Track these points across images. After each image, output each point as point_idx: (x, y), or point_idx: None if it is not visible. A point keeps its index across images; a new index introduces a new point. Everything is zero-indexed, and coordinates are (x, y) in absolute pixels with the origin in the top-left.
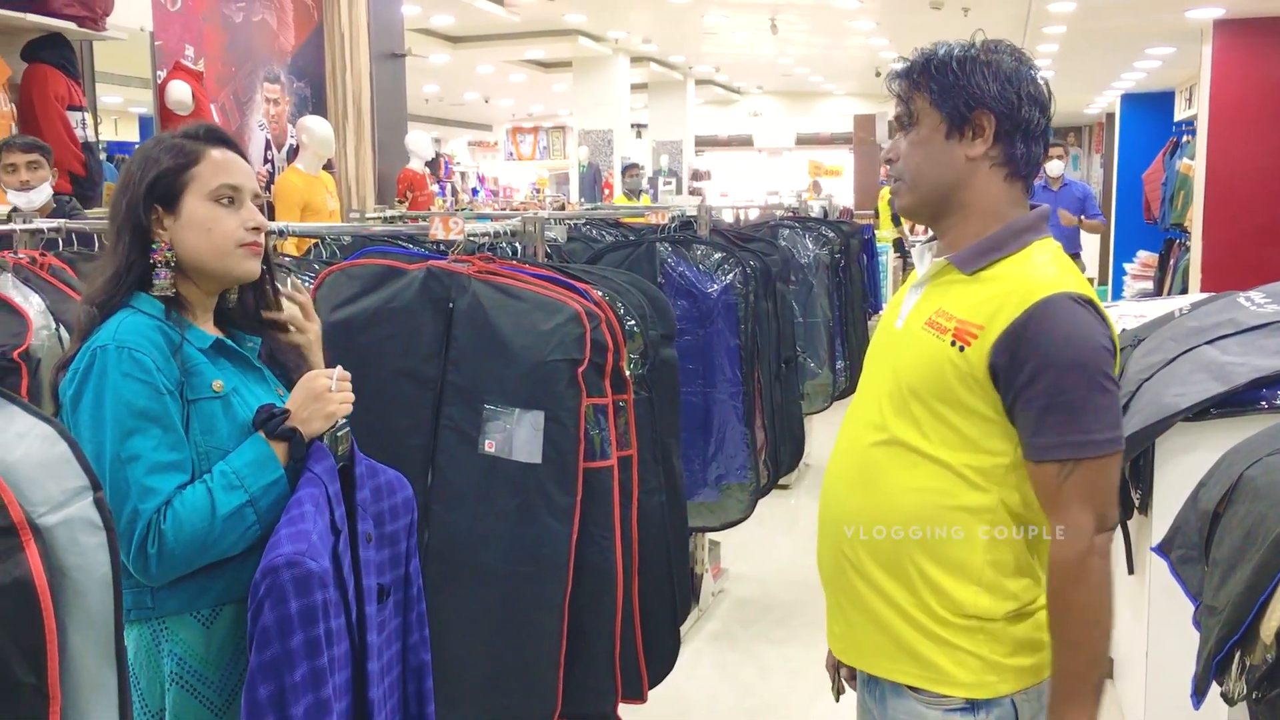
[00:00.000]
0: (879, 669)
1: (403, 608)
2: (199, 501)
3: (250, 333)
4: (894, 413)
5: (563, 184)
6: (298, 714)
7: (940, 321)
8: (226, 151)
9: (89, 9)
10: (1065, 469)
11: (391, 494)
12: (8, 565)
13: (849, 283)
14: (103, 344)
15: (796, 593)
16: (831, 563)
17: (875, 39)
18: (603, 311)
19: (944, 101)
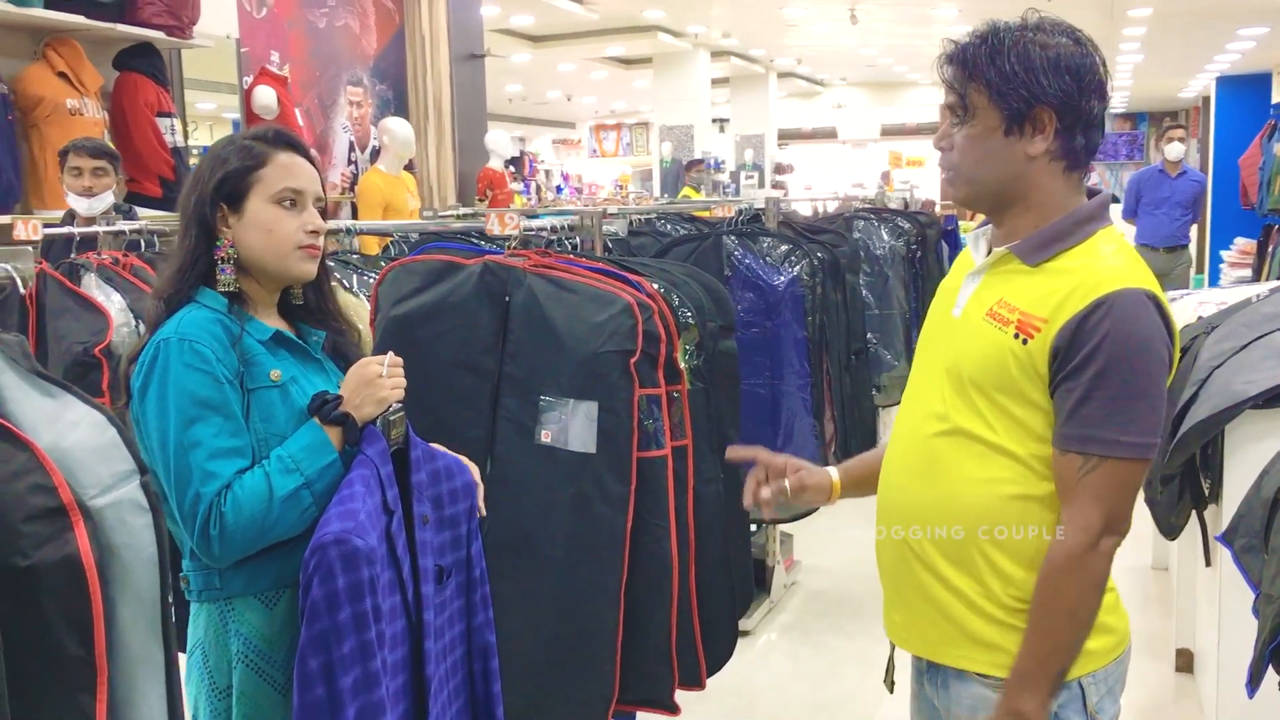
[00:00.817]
0: (944, 656)
1: (466, 589)
2: (257, 485)
3: (315, 326)
4: (956, 403)
5: (646, 180)
6: (346, 685)
7: (1002, 313)
8: (293, 155)
9: (177, 18)
10: (1088, 463)
11: (451, 478)
12: (58, 544)
13: (925, 274)
14: (166, 337)
15: (870, 586)
16: (892, 553)
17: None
18: (655, 303)
19: (1002, 97)
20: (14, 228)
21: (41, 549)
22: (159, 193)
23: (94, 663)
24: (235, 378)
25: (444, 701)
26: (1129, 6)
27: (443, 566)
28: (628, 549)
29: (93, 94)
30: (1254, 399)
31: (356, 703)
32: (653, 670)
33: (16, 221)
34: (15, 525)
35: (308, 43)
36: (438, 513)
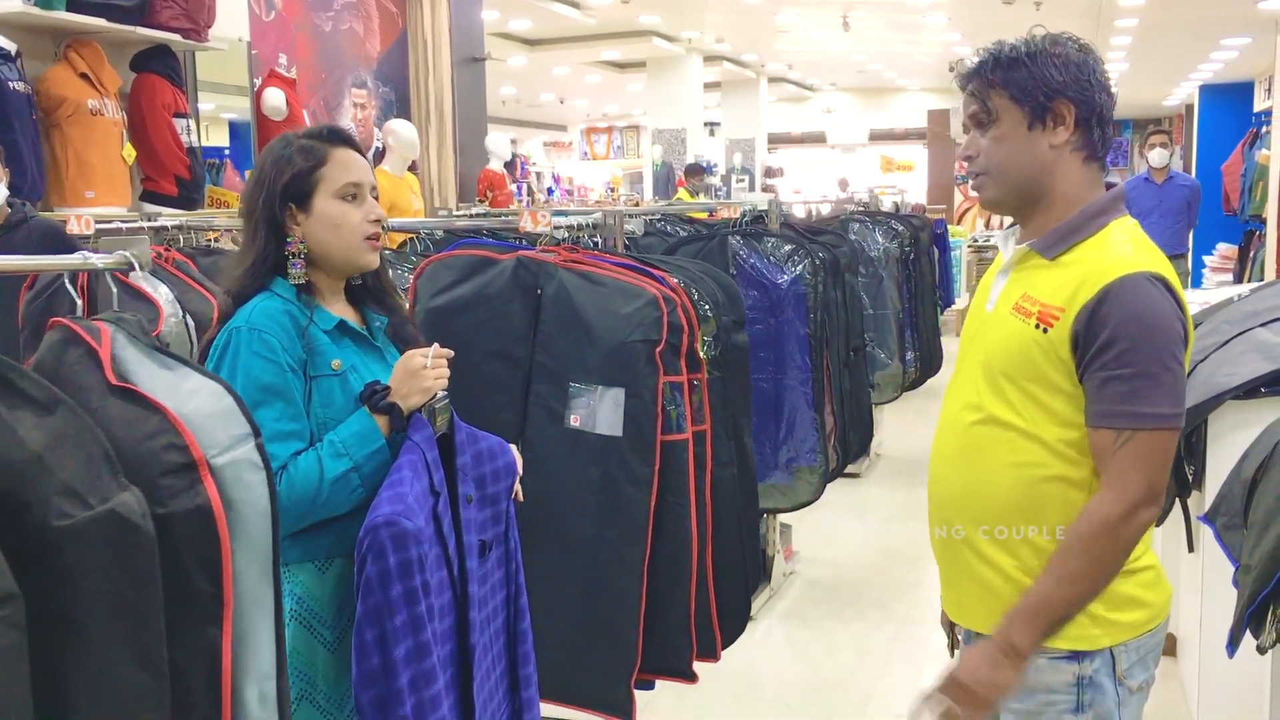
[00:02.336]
0: (988, 627)
1: (504, 560)
2: (310, 467)
3: (378, 312)
4: (989, 393)
5: (636, 183)
6: (399, 655)
7: (1025, 306)
8: (348, 150)
9: (193, 21)
10: (1122, 436)
11: (493, 459)
12: (190, 494)
13: (919, 275)
14: (238, 325)
15: (865, 575)
16: (940, 535)
17: (948, 34)
18: (678, 296)
19: (1023, 95)
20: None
21: (176, 499)
22: (175, 191)
23: (222, 598)
24: (299, 366)
25: (487, 667)
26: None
27: (485, 541)
28: (651, 527)
29: (112, 95)
30: (1235, 390)
31: (409, 671)
32: (673, 641)
33: (70, 217)
34: (153, 479)
35: (314, 45)
36: (480, 491)
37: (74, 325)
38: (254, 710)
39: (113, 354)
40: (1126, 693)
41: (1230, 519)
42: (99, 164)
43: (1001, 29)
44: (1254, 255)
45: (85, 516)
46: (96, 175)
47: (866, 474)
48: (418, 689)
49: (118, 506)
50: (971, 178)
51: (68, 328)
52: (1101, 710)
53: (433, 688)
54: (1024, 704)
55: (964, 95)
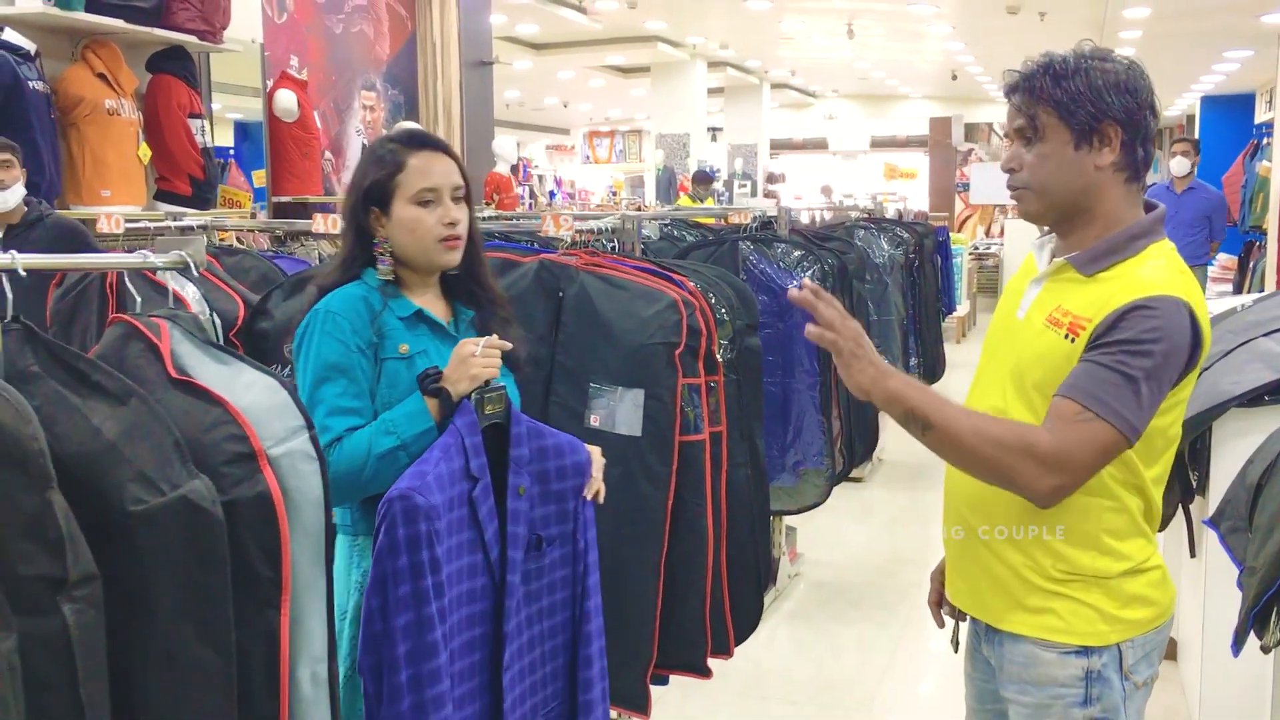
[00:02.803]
0: (1002, 622)
1: (571, 560)
2: (359, 442)
3: (465, 305)
4: (1015, 399)
5: (637, 187)
6: (398, 625)
7: (1059, 318)
8: (427, 154)
9: (209, 23)
10: (1085, 415)
11: (559, 456)
12: (251, 483)
13: (923, 282)
14: (316, 308)
15: (869, 577)
16: (956, 531)
17: (951, 43)
18: (697, 300)
19: (1072, 114)
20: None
21: (238, 488)
22: (189, 191)
23: (281, 582)
24: (369, 348)
25: (531, 660)
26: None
27: (540, 536)
28: (668, 525)
29: (129, 95)
30: (1239, 398)
31: (408, 642)
32: (689, 637)
33: (100, 216)
34: (216, 468)
35: (325, 48)
36: (542, 486)
37: (135, 321)
38: (306, 691)
39: (171, 349)
40: (1132, 687)
41: (1235, 523)
42: (115, 163)
43: (1005, 38)
44: (1254, 266)
45: (159, 502)
46: (112, 174)
47: (870, 478)
48: (416, 661)
49: (189, 493)
50: (1011, 190)
51: (128, 323)
52: (1108, 704)
53: (433, 661)
54: (1032, 697)
55: (1009, 106)
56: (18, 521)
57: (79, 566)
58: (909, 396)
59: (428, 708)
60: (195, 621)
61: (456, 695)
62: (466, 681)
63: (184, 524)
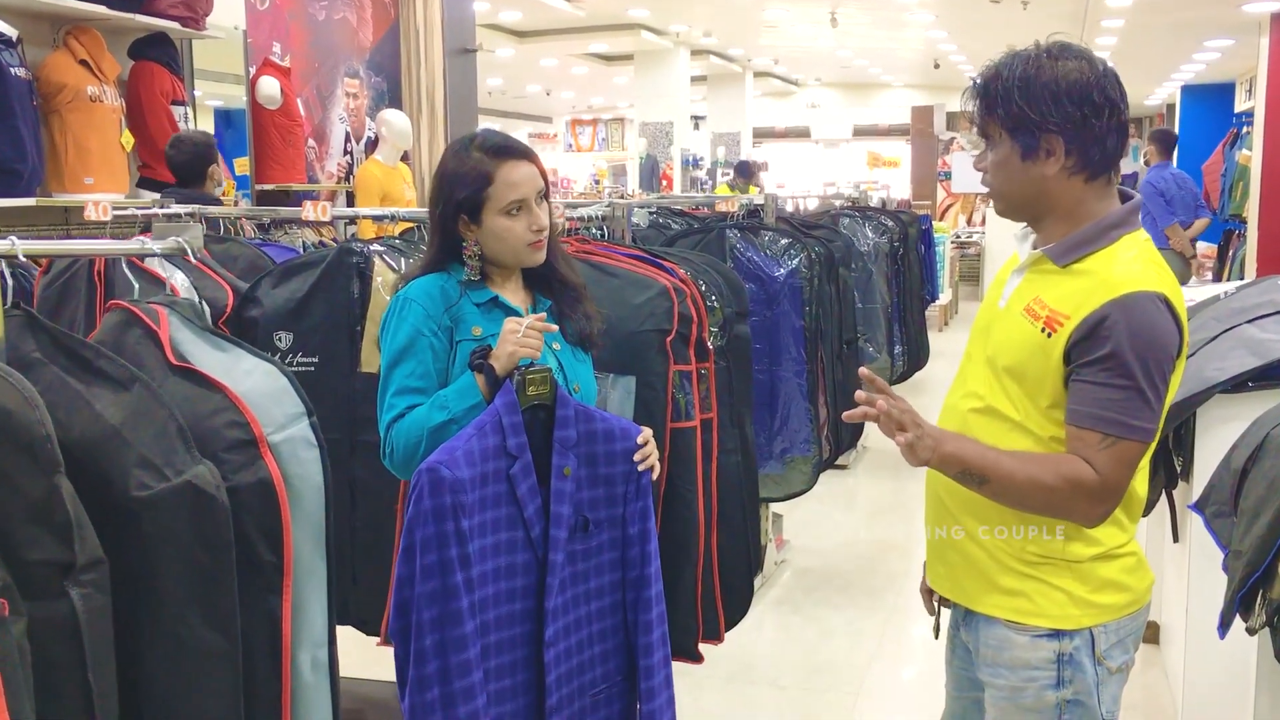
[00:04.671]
0: (976, 603)
1: (622, 545)
2: (417, 417)
3: (544, 296)
4: (990, 384)
5: (620, 175)
6: (424, 592)
7: (1036, 309)
8: (515, 164)
9: (191, 10)
10: (1106, 440)
11: (609, 440)
12: (252, 469)
13: (907, 270)
14: (397, 296)
15: (856, 563)
16: (934, 512)
17: (934, 31)
18: (688, 287)
19: (1013, 130)
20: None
21: (239, 473)
22: (172, 179)
23: (283, 567)
24: (443, 331)
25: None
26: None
27: (587, 518)
28: (660, 511)
29: (111, 82)
30: (1223, 384)
31: (433, 609)
32: (680, 623)
33: (88, 203)
34: (216, 454)
35: (307, 35)
36: (590, 470)
37: (133, 308)
38: (306, 675)
39: (170, 336)
40: (1105, 673)
41: (1219, 507)
42: (98, 150)
43: (987, 28)
44: (1234, 254)
45: (164, 487)
46: (95, 161)
47: (854, 465)
48: (441, 627)
49: (194, 478)
50: (986, 187)
51: (127, 310)
52: (1081, 688)
53: (458, 629)
54: (1006, 680)
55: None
56: (25, 506)
57: (86, 551)
58: (965, 456)
59: (452, 672)
60: (202, 605)
61: (495, 666)
62: (508, 653)
63: (189, 509)
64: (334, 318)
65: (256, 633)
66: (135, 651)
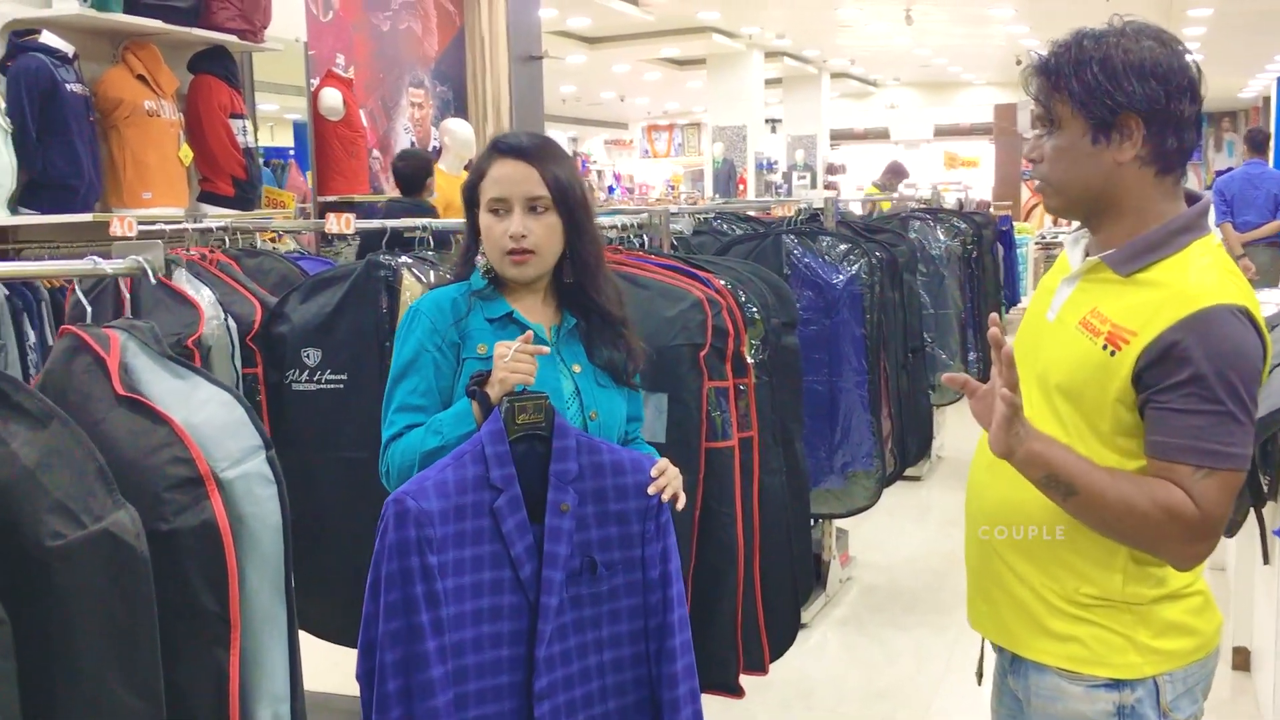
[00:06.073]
0: (1024, 649)
1: (642, 590)
2: (413, 439)
3: (572, 314)
4: (1041, 406)
5: (697, 180)
6: (388, 631)
7: (1094, 323)
8: (507, 162)
9: (249, 23)
10: (1201, 472)
11: (619, 474)
12: (196, 510)
13: (982, 274)
14: (410, 306)
15: (925, 580)
16: (975, 546)
17: (1015, 26)
18: (724, 299)
19: (1087, 107)
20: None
21: (182, 515)
22: (231, 192)
23: (229, 619)
24: (448, 347)
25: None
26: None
27: (598, 560)
28: (695, 536)
29: (169, 96)
30: None
31: (395, 650)
32: (718, 655)
33: (113, 219)
34: (158, 493)
35: (372, 45)
36: (599, 507)
37: (82, 333)
38: None
39: (123, 362)
40: None
41: None
42: (156, 165)
43: (1071, 21)
44: None
45: (78, 536)
46: (154, 176)
47: (927, 477)
48: (406, 671)
49: (111, 526)
50: (1036, 181)
51: (76, 335)
52: None
53: (424, 673)
54: None
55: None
56: None
57: None
58: (1053, 460)
59: None
60: (120, 666)
61: (476, 717)
62: (492, 703)
63: (105, 560)
64: (362, 333)
65: (200, 689)
66: (50, 716)
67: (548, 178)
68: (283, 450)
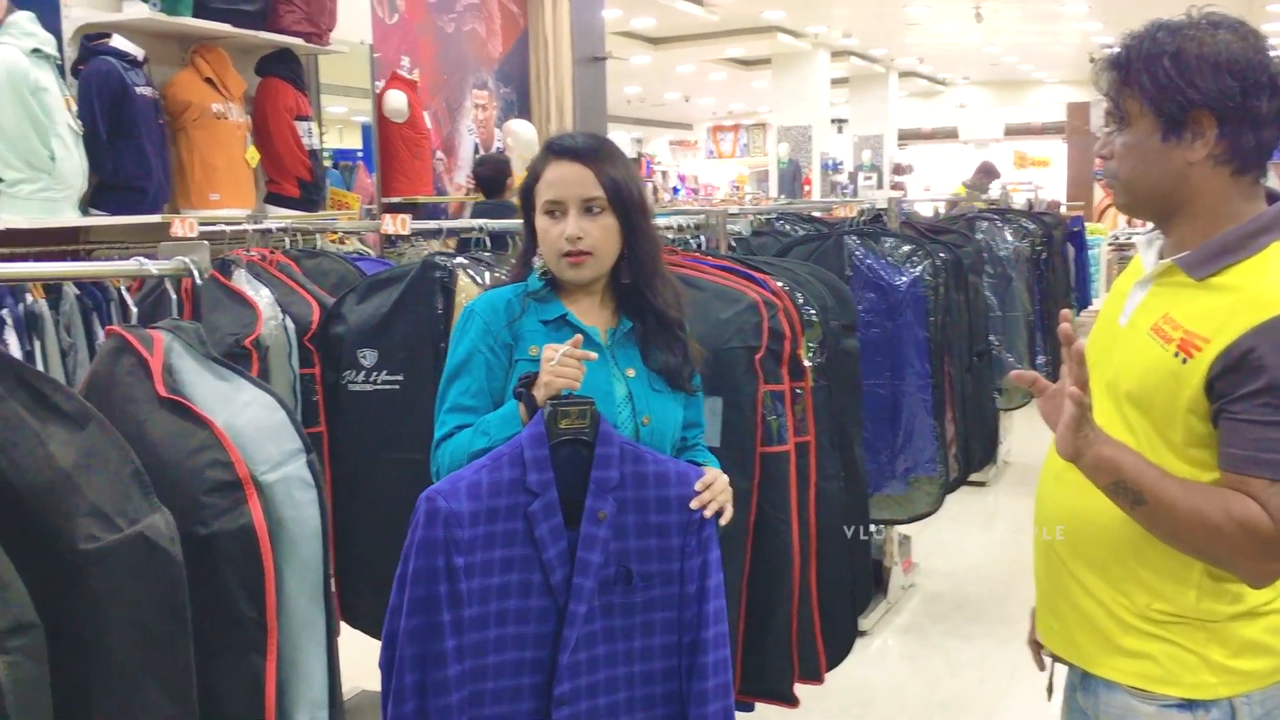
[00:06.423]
0: (1094, 665)
1: (679, 603)
2: (462, 440)
3: (628, 316)
4: (1111, 415)
5: (763, 181)
6: (409, 626)
7: (1166, 329)
8: (561, 163)
9: (316, 26)
10: (1276, 486)
11: (662, 485)
12: (234, 514)
13: (1051, 276)
14: (466, 307)
15: (990, 589)
16: (1043, 559)
17: (1089, 23)
18: (781, 301)
19: (1156, 104)
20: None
21: (220, 519)
22: (297, 193)
23: (266, 625)
24: (501, 348)
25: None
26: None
27: (634, 570)
28: (750, 542)
29: (237, 99)
30: None
31: (414, 646)
32: (773, 663)
33: (173, 220)
34: (196, 497)
35: (436, 48)
36: (639, 517)
37: (127, 334)
38: None
39: (167, 364)
40: None
41: None
42: (224, 167)
43: (1147, 17)
44: None
45: (113, 539)
46: (221, 178)
47: (993, 482)
48: (422, 667)
49: (146, 529)
50: (1106, 178)
51: (121, 336)
52: None
53: (440, 671)
54: None
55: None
56: None
57: (8, 617)
58: (1122, 465)
59: (430, 715)
60: (153, 671)
61: (492, 715)
62: (508, 703)
63: (139, 564)
64: (418, 334)
65: (236, 697)
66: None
67: (603, 178)
68: (339, 451)
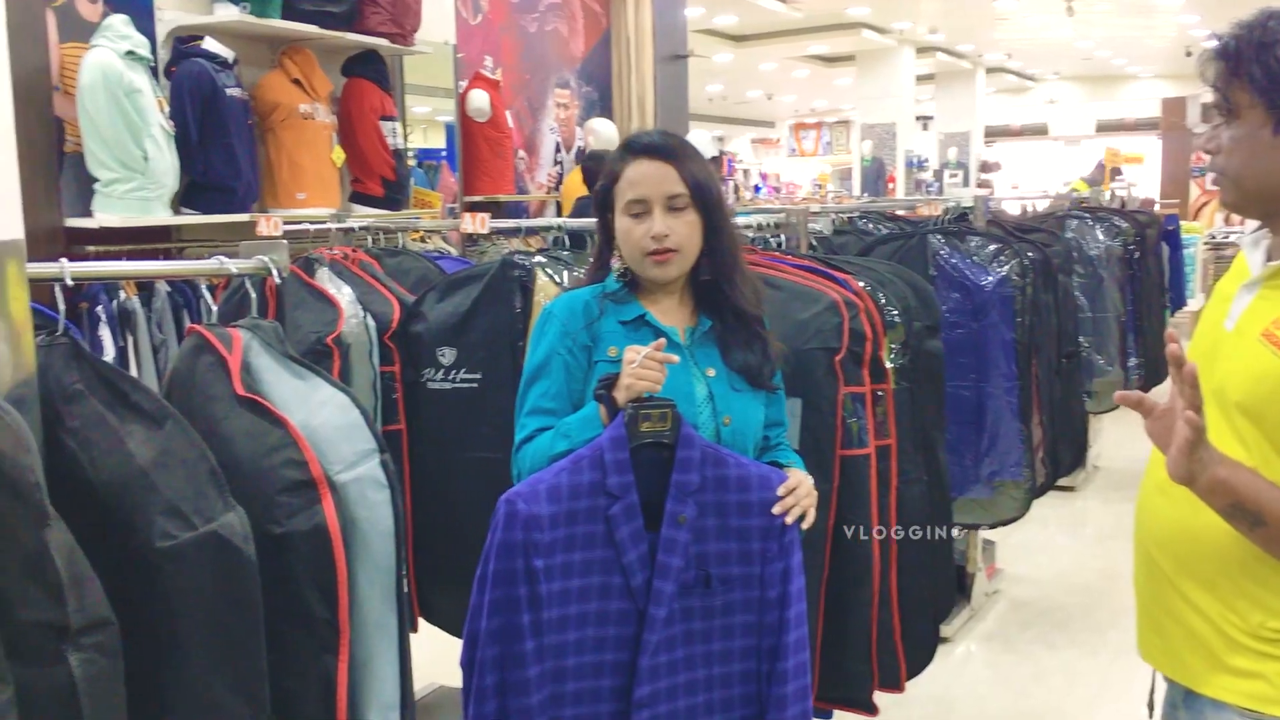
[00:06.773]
0: (1200, 683)
1: (758, 608)
2: (542, 443)
3: (707, 315)
4: (1220, 424)
5: (845, 179)
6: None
7: (1278, 335)
8: (642, 163)
9: (400, 26)
10: None
11: (743, 489)
12: (308, 514)
13: (1144, 276)
14: (546, 308)
15: (1078, 598)
16: (1145, 573)
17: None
18: (862, 301)
19: (1269, 95)
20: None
21: (294, 518)
22: (381, 192)
23: (338, 625)
24: (580, 350)
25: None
26: None
27: (713, 574)
28: (829, 547)
29: (323, 99)
30: None
31: (494, 647)
32: (852, 669)
33: (259, 219)
34: (271, 496)
35: (519, 47)
36: (720, 520)
37: (207, 333)
38: None
39: (245, 362)
40: None
41: None
42: (310, 166)
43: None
44: None
45: (188, 537)
46: (308, 177)
47: (1082, 487)
48: (502, 668)
49: (220, 528)
50: (1211, 173)
51: (201, 335)
52: None
53: (519, 672)
54: None
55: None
56: (17, 558)
57: (83, 613)
58: (1239, 487)
59: (511, 716)
60: (225, 669)
61: (573, 716)
62: (588, 704)
63: (213, 562)
64: (496, 333)
65: (308, 697)
66: (157, 716)
67: (685, 175)
68: (418, 449)
